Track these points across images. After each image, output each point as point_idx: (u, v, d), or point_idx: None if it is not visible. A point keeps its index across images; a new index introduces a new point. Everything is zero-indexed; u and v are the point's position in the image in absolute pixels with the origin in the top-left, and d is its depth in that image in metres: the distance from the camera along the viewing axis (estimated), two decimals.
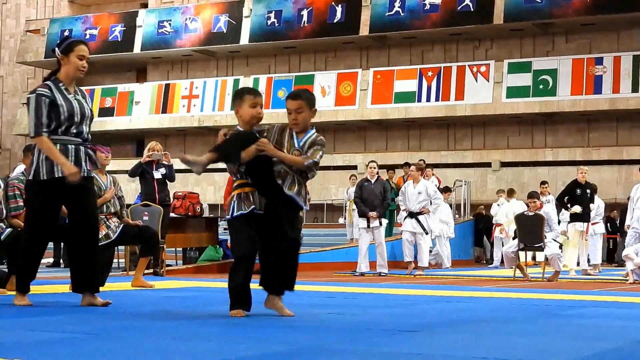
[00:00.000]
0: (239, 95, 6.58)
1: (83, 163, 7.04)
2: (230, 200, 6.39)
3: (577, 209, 16.47)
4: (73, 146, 6.99)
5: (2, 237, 8.78)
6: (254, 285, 6.48)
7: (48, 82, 7.11)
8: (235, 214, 6.36)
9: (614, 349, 4.90)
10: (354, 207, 23.64)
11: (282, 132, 6.60)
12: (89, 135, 7.18)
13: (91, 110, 7.24)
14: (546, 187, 19.13)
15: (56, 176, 6.90)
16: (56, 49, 7.13)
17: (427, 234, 16.00)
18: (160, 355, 4.42)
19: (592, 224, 17.39)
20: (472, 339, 5.33)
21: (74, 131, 7.00)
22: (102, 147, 9.97)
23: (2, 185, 9.12)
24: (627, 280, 13.84)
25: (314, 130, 6.74)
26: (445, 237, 19.42)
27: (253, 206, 6.35)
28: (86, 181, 7.13)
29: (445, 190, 20.79)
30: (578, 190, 16.65)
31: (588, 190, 16.77)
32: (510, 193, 21.06)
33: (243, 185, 6.40)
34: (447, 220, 19.77)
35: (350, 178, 23.01)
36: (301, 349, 4.68)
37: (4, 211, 8.99)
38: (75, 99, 7.13)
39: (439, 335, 5.47)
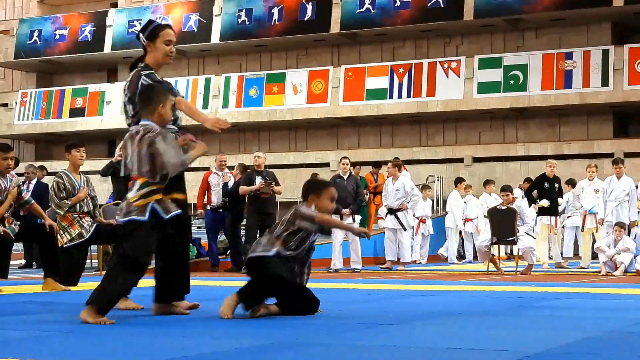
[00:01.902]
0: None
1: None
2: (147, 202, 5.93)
3: (544, 202, 16.51)
4: (173, 134, 6.57)
5: None
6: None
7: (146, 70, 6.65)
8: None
9: (588, 339, 4.94)
10: None
11: None
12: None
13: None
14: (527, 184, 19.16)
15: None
16: (140, 35, 6.70)
17: (405, 230, 16.01)
18: (133, 350, 4.42)
19: (568, 217, 17.46)
20: (446, 330, 5.36)
21: (174, 118, 6.63)
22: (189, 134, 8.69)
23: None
24: (600, 272, 13.95)
25: None
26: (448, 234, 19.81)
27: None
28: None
29: (425, 187, 20.95)
30: (546, 184, 16.67)
31: (556, 184, 16.80)
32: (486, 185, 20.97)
33: (159, 191, 6.02)
34: (428, 216, 20.01)
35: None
36: (276, 344, 4.69)
37: None
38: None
39: (414, 328, 5.49)
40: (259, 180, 14.73)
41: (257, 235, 14.13)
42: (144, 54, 6.75)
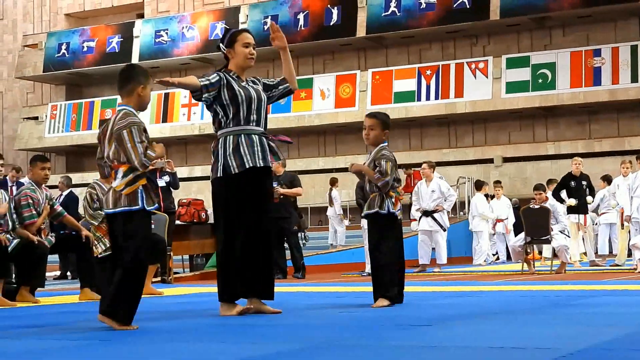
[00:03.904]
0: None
1: (267, 153, 6.67)
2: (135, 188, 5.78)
3: (571, 201, 16.40)
4: (257, 136, 6.65)
5: (9, 249, 8.77)
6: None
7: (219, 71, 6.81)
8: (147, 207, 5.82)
9: (630, 335, 4.89)
10: (339, 211, 23.78)
11: None
12: (266, 124, 6.82)
13: (262, 95, 6.87)
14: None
15: (247, 167, 6.59)
16: (220, 44, 6.86)
17: (444, 230, 15.96)
18: (169, 356, 4.43)
19: (601, 214, 17.32)
20: (485, 330, 5.32)
21: (254, 118, 6.71)
22: (284, 136, 7.58)
23: (7, 198, 9.12)
24: (636, 269, 13.82)
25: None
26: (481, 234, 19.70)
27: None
28: (268, 174, 6.79)
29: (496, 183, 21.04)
30: (572, 183, 16.57)
31: (584, 182, 16.66)
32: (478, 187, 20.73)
33: (143, 176, 5.85)
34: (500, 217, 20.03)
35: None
36: (315, 346, 4.68)
37: (10, 223, 8.99)
38: (250, 86, 6.83)
39: (452, 328, 5.46)
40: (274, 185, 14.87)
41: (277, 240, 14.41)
42: (227, 63, 6.88)
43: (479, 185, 20.45)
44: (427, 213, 15.88)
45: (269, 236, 6.80)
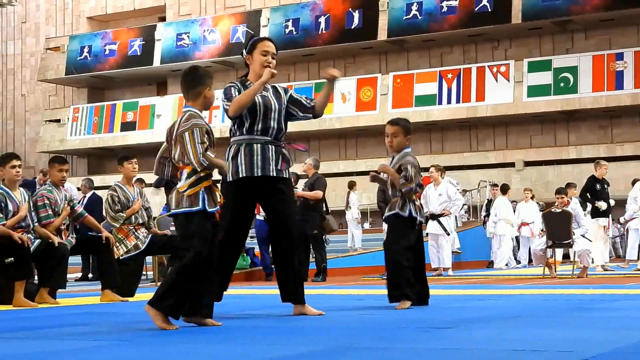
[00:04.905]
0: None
1: (271, 162, 6.64)
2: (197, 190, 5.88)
3: (602, 205, 16.31)
4: (259, 145, 6.63)
5: (31, 249, 8.80)
6: None
7: (235, 81, 6.87)
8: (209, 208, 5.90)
9: None
10: (356, 215, 23.73)
11: None
12: (281, 132, 6.79)
13: (280, 105, 6.85)
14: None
15: (240, 176, 6.61)
16: (243, 51, 6.89)
17: (448, 234, 15.89)
18: (190, 357, 4.43)
19: (631, 219, 17.22)
20: (506, 333, 5.29)
21: (262, 127, 6.68)
22: (299, 144, 7.39)
23: (27, 197, 9.16)
24: None
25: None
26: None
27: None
28: (281, 182, 6.72)
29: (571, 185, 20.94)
30: (597, 185, 16.52)
31: (606, 186, 16.63)
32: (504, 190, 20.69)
33: (207, 178, 6.00)
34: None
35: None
36: (336, 348, 4.67)
37: (30, 224, 9.03)
38: (270, 95, 6.83)
39: (473, 331, 5.43)
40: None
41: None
42: (248, 70, 6.93)
43: (504, 189, 20.39)
44: (433, 216, 15.83)
45: (293, 242, 6.75)
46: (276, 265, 6.88)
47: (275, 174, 6.64)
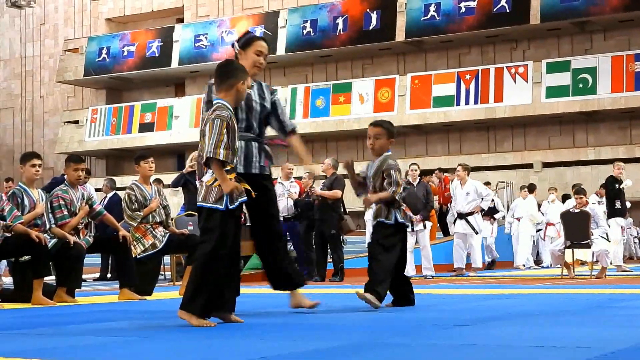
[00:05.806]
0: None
1: (254, 159, 6.66)
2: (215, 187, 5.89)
3: (629, 182, 16.60)
4: (242, 142, 6.55)
5: (49, 247, 8.83)
6: None
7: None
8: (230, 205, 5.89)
9: None
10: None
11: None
12: (262, 129, 6.80)
13: (263, 104, 6.83)
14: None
15: (238, 172, 6.43)
16: (235, 43, 6.84)
17: (477, 233, 15.83)
18: (211, 352, 4.44)
19: None
20: (525, 330, 5.29)
21: (243, 125, 6.61)
22: (278, 139, 7.46)
23: (44, 198, 9.20)
24: None
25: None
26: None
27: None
28: (264, 179, 6.72)
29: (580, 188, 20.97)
30: (617, 185, 16.59)
31: (623, 186, 16.74)
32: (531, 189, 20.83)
33: (231, 171, 5.99)
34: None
35: None
36: (354, 345, 4.68)
37: (47, 223, 9.06)
38: (254, 92, 6.80)
39: (492, 328, 5.43)
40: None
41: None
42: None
43: (531, 188, 20.51)
44: (461, 216, 15.77)
45: (275, 236, 6.81)
46: (262, 259, 6.91)
47: (258, 171, 6.68)
